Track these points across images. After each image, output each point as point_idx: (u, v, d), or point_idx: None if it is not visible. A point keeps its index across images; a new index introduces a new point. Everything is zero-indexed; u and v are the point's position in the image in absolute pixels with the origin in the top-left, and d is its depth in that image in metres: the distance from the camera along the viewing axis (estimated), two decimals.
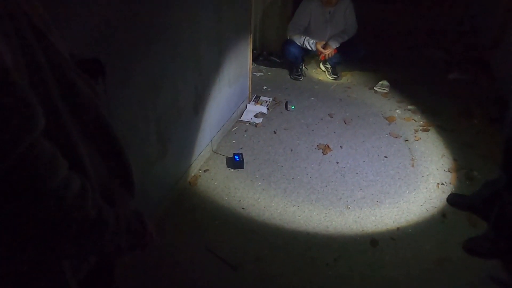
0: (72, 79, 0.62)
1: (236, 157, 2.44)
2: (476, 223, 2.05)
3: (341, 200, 2.21)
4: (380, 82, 3.46)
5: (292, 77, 3.61)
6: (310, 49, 3.41)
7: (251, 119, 2.93)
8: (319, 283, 1.75)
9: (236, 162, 2.42)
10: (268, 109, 3.07)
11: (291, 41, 3.45)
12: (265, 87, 3.44)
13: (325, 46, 3.40)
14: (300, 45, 3.43)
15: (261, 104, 3.11)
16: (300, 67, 3.61)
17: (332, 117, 3.01)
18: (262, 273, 1.79)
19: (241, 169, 2.42)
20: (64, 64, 0.60)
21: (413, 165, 2.50)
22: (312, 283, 1.75)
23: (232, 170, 2.42)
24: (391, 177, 2.40)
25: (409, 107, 3.17)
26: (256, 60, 3.79)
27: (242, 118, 2.94)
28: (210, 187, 2.28)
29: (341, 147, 2.67)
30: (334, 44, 3.39)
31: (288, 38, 3.47)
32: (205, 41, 2.13)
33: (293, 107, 3.10)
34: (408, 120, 2.99)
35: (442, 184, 2.35)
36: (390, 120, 2.98)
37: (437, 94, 3.34)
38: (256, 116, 2.96)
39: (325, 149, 2.63)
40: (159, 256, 1.82)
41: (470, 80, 3.56)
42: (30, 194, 0.50)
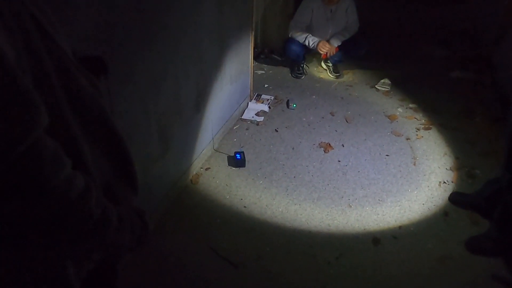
0: (75, 77, 0.61)
1: (238, 156, 2.43)
2: (478, 222, 2.04)
3: (343, 199, 2.21)
4: (382, 80, 3.45)
5: (293, 75, 3.60)
6: (312, 47, 3.40)
7: (253, 117, 2.92)
8: (321, 282, 1.75)
9: (237, 161, 2.42)
10: (269, 107, 3.07)
11: (292, 39, 3.44)
12: (266, 85, 3.43)
13: (326, 44, 3.39)
14: (301, 43, 3.42)
15: (262, 102, 3.11)
16: (302, 65, 3.61)
17: (333, 116, 3.00)
18: (264, 271, 1.79)
19: (243, 168, 2.42)
20: (68, 62, 0.60)
21: (415, 164, 2.50)
22: (314, 281, 1.75)
23: (234, 168, 2.42)
24: (393, 176, 2.39)
25: (411, 105, 3.16)
26: (257, 58, 3.78)
27: (244, 116, 2.93)
28: (212, 186, 2.28)
29: (343, 145, 2.67)
30: (336, 42, 3.38)
31: (290, 36, 3.46)
32: (206, 39, 2.13)
33: (295, 105, 3.10)
34: (410, 118, 2.99)
35: (444, 182, 2.34)
36: (392, 118, 2.98)
37: (439, 92, 3.33)
38: (257, 114, 2.95)
39: (327, 147, 2.63)
40: (160, 255, 1.82)
41: (472, 78, 3.54)
42: (33, 191, 0.50)
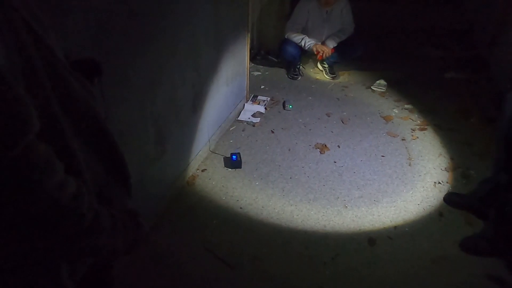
0: (68, 81, 0.62)
1: (234, 157, 2.44)
2: (473, 222, 2.05)
3: (338, 199, 2.22)
4: (378, 81, 3.47)
5: (289, 76, 3.61)
6: (307, 49, 3.41)
7: (249, 118, 2.93)
8: (317, 282, 1.75)
9: (233, 162, 2.42)
10: (265, 108, 3.07)
11: (288, 41, 3.45)
12: (262, 87, 3.44)
13: (322, 45, 3.40)
14: (297, 44, 3.43)
15: (258, 104, 3.11)
16: (298, 66, 3.61)
17: (329, 117, 3.01)
18: (260, 272, 1.79)
19: (239, 169, 2.42)
20: (60, 66, 0.60)
21: (410, 164, 2.51)
22: (310, 282, 1.75)
23: (230, 169, 2.42)
24: (389, 176, 2.40)
25: (406, 106, 3.18)
26: (253, 59, 3.79)
27: (240, 118, 2.94)
28: (208, 187, 2.28)
29: (339, 146, 2.67)
30: (332, 43, 3.39)
31: (286, 37, 3.47)
32: (203, 40, 2.13)
33: (291, 106, 3.10)
34: (405, 119, 3.00)
35: (439, 183, 2.35)
36: (387, 119, 2.99)
37: (435, 93, 3.35)
38: (253, 115, 2.96)
39: (323, 148, 2.64)
40: (157, 256, 1.82)
41: (467, 79, 3.57)
42: (25, 196, 0.50)
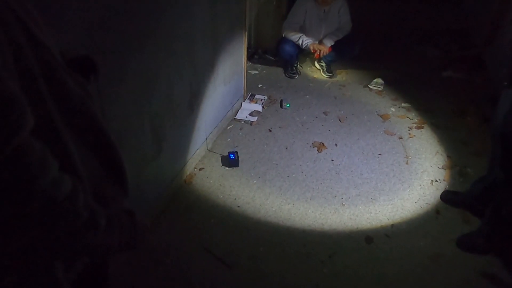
0: (63, 79, 0.61)
1: (231, 156, 2.44)
2: (469, 220, 2.06)
3: (336, 198, 2.22)
4: (375, 80, 3.47)
5: (287, 75, 3.61)
6: (305, 47, 3.41)
7: (246, 117, 2.93)
8: (314, 280, 1.76)
9: (231, 161, 2.42)
10: (263, 107, 3.07)
11: (286, 40, 3.45)
12: (260, 85, 3.44)
13: (319, 44, 3.40)
14: (295, 43, 3.43)
15: (256, 102, 3.11)
16: (295, 65, 3.61)
17: (327, 115, 3.02)
18: (257, 270, 1.79)
19: (236, 168, 2.42)
20: (55, 64, 0.60)
21: (407, 163, 2.52)
22: (307, 280, 1.76)
23: (227, 168, 2.42)
24: (386, 175, 2.41)
25: (403, 104, 3.18)
26: (251, 58, 3.79)
27: (237, 117, 2.94)
28: (206, 186, 2.28)
29: (336, 145, 2.68)
30: (329, 42, 3.40)
31: (283, 36, 3.47)
32: (199, 39, 2.13)
33: (288, 105, 3.10)
34: (402, 117, 3.01)
35: (436, 181, 2.36)
36: (384, 118, 3.00)
37: (432, 92, 3.36)
38: (251, 114, 2.96)
39: (320, 147, 2.64)
40: (154, 254, 1.82)
41: (464, 78, 3.58)
42: (19, 194, 0.50)
